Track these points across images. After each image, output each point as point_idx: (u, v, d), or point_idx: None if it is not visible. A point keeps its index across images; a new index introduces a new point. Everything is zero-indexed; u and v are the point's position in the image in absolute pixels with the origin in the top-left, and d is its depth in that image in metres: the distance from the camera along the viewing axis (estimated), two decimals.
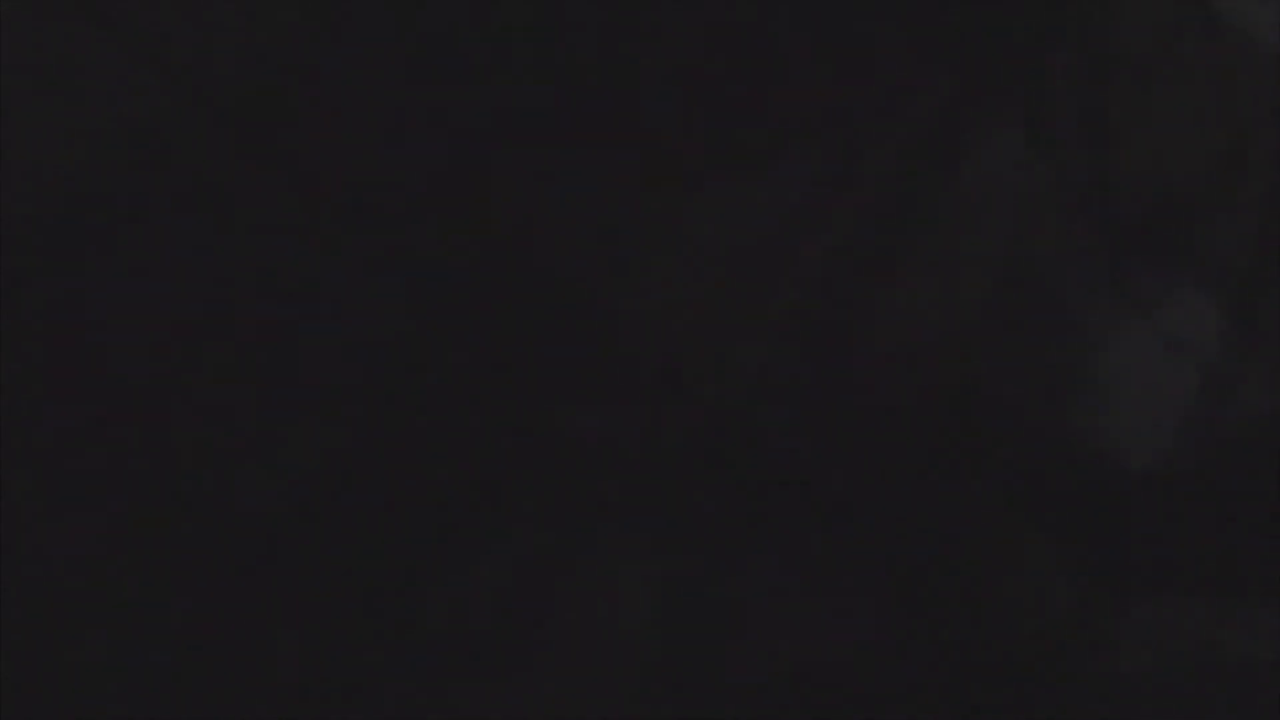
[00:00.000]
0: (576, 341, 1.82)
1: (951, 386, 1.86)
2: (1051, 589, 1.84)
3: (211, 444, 1.69)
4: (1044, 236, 1.91)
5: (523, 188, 1.82)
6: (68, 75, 1.69)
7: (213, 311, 1.70)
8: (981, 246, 1.90)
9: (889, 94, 1.89)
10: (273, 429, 1.71)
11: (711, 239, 1.85)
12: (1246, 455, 1.77)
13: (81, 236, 1.68)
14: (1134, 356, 1.89)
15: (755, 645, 1.81)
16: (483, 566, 1.76)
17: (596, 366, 1.82)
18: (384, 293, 1.77)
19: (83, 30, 1.70)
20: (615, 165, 1.84)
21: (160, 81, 1.72)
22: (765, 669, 1.80)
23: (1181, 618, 1.76)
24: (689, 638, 1.80)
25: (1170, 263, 1.92)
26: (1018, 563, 1.84)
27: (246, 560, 1.69)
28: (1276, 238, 1.67)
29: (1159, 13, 1.93)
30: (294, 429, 1.72)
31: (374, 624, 1.72)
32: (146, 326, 1.68)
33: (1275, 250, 1.79)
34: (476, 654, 1.76)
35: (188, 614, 1.66)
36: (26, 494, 1.65)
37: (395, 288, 1.78)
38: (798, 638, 1.82)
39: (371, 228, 1.77)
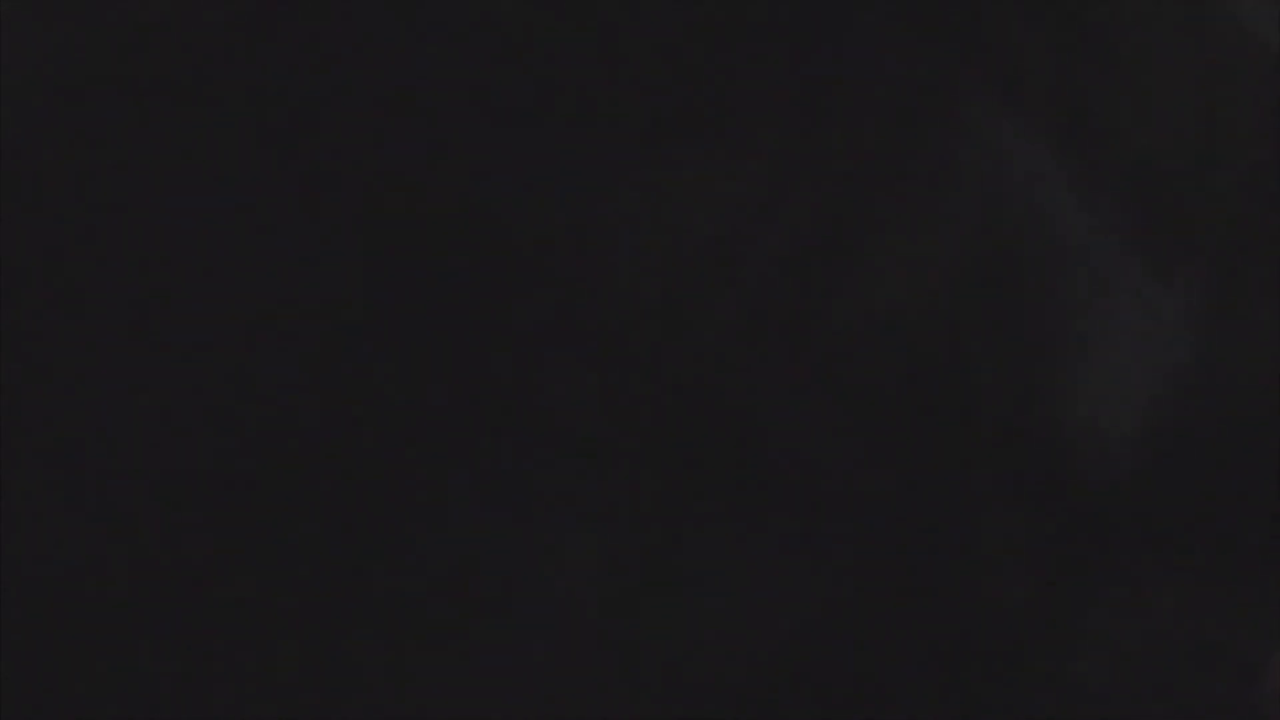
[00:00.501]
0: (540, 313, 1.81)
1: (924, 358, 1.85)
2: (1014, 570, 1.84)
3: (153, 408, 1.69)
4: (1019, 207, 1.90)
5: (486, 159, 1.81)
6: None
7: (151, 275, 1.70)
8: (955, 216, 1.88)
9: (860, 65, 1.87)
10: (218, 397, 1.72)
11: (680, 212, 1.83)
12: (1219, 439, 1.77)
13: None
14: (1111, 331, 1.89)
15: (708, 621, 1.80)
16: (434, 536, 1.75)
17: (560, 339, 1.81)
18: (341, 258, 1.76)
19: None
20: (582, 138, 1.82)
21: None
22: (717, 647, 1.80)
23: (1149, 604, 1.76)
24: (641, 612, 1.79)
25: (1145, 239, 1.91)
26: (981, 545, 1.84)
27: (184, 527, 1.70)
28: (1254, 226, 1.66)
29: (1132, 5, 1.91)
30: (240, 396, 1.72)
31: (322, 598, 1.73)
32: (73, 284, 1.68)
33: (1253, 239, 1.78)
34: (426, 627, 1.75)
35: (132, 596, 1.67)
36: None
37: (352, 253, 1.77)
38: (751, 615, 1.81)
39: (329, 193, 1.77)
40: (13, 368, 1.66)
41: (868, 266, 1.86)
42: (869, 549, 1.83)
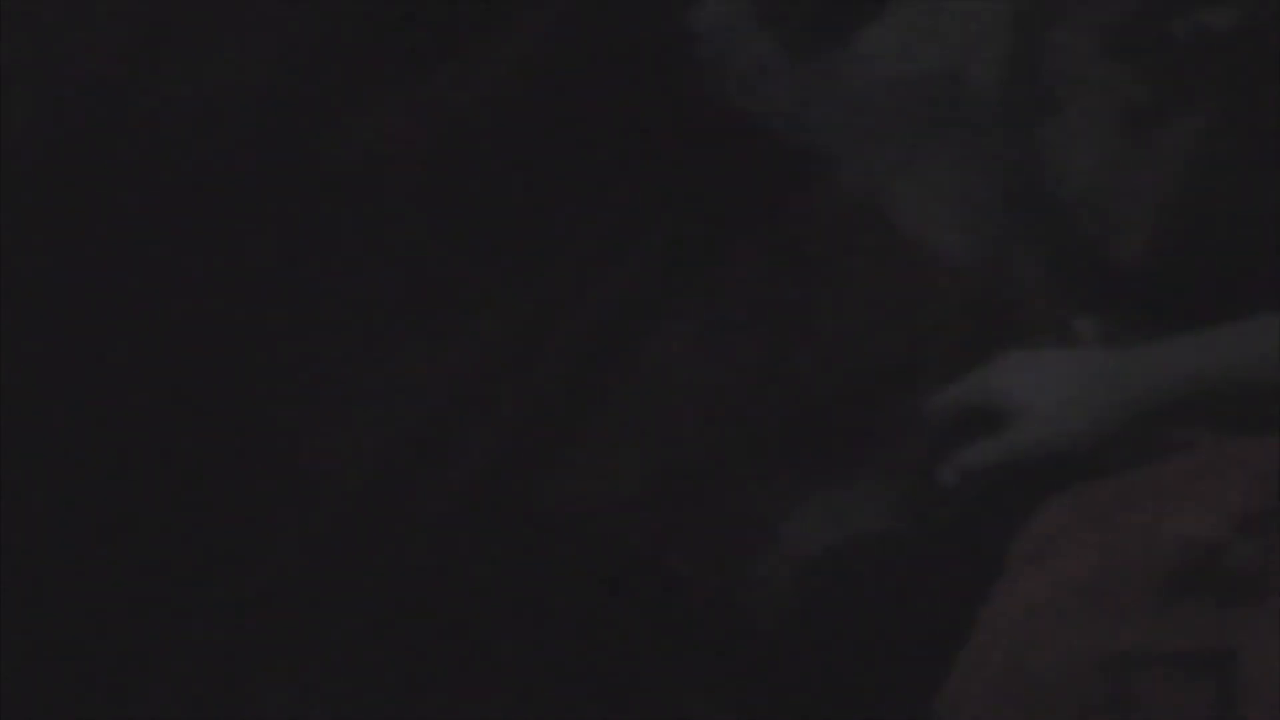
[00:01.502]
0: (261, 478, 1.87)
1: (627, 548, 1.96)
2: None
3: None
4: (722, 422, 2.02)
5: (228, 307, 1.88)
6: None
7: None
8: (663, 424, 1.99)
9: (577, 270, 1.98)
10: None
11: (390, 398, 1.91)
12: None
13: None
14: (805, 533, 2.00)
15: None
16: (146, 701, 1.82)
17: (281, 505, 1.87)
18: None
19: None
20: (318, 309, 1.91)
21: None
22: None
23: None
24: None
25: (846, 452, 2.04)
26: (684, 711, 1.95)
27: None
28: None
29: (839, 216, 2.04)
30: None
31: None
32: None
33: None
34: None
35: None
36: None
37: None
38: None
39: None
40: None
41: (575, 456, 1.96)
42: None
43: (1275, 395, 1.51)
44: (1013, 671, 1.42)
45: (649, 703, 1.94)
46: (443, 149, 1.96)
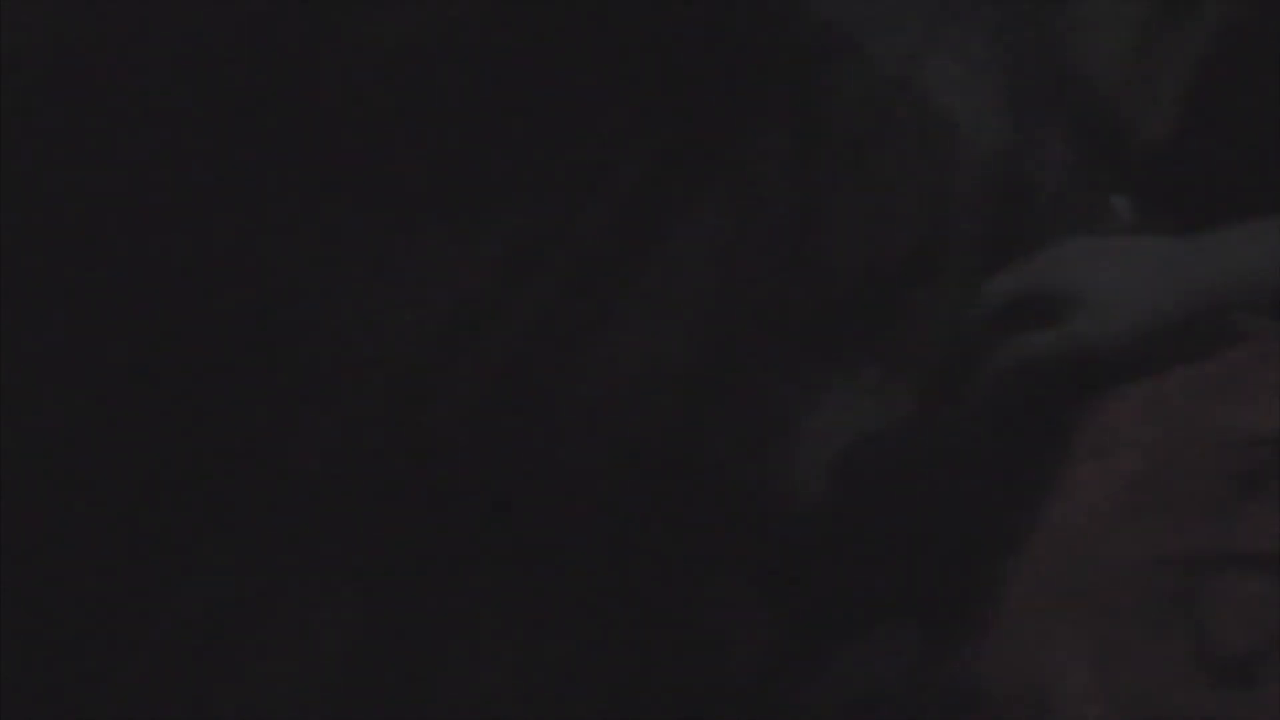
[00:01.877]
0: (287, 375, 1.81)
1: (654, 438, 1.92)
2: (748, 636, 1.90)
3: None
4: (749, 306, 1.98)
5: (235, 216, 1.83)
6: None
7: None
8: (688, 312, 1.95)
9: (599, 159, 1.93)
10: None
11: (423, 281, 1.87)
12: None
13: None
14: (832, 412, 1.97)
15: (447, 683, 1.84)
16: (182, 592, 1.75)
17: (304, 399, 1.82)
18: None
19: None
20: (331, 205, 1.85)
21: None
22: (451, 696, 1.84)
23: (887, 654, 1.81)
24: (384, 674, 1.82)
25: (868, 338, 2.00)
26: (714, 610, 1.90)
27: None
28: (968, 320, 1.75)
29: (869, 94, 2.00)
30: None
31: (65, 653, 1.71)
32: None
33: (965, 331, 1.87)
34: (167, 688, 1.75)
35: None
36: None
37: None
38: (492, 678, 1.86)
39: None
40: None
41: (606, 346, 1.92)
42: (604, 615, 1.88)
43: None
44: (1076, 570, 1.38)
45: (676, 595, 1.91)
46: (461, 34, 1.91)
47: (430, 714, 1.85)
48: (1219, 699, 1.30)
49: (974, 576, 1.47)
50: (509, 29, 1.91)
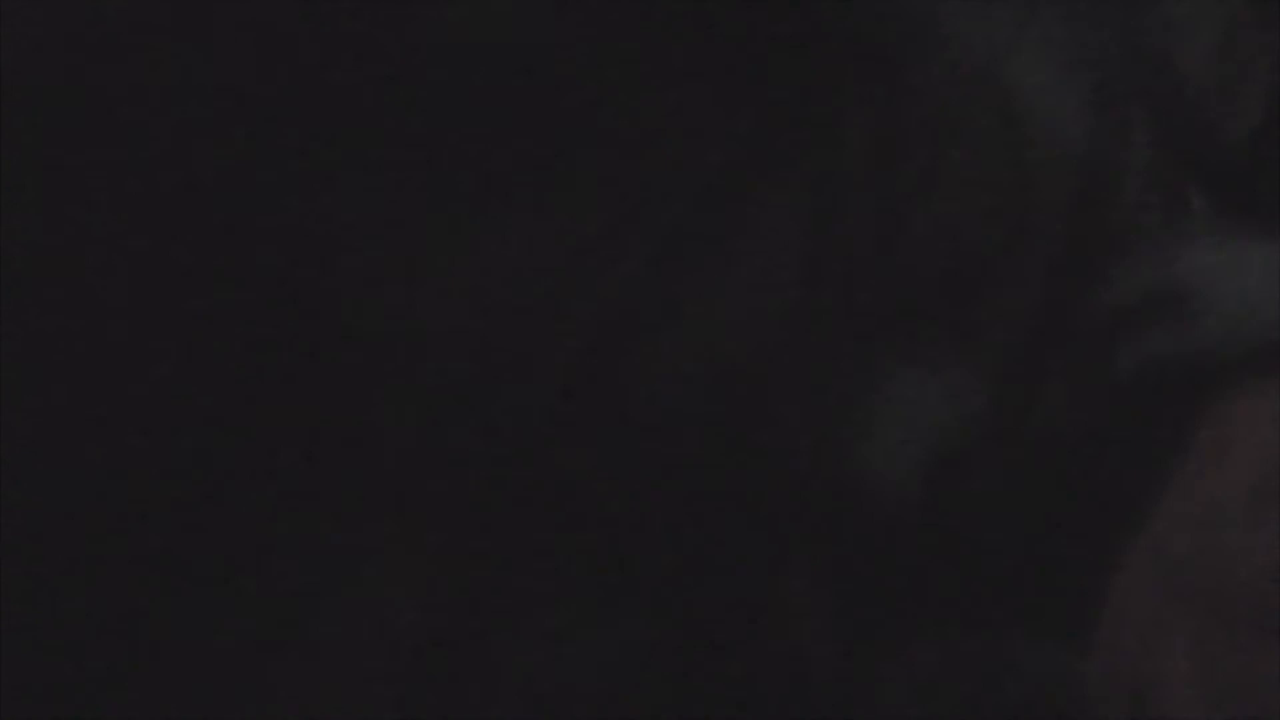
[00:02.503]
0: (367, 351, 1.80)
1: (729, 418, 1.89)
2: (815, 627, 1.88)
3: None
4: (827, 293, 1.94)
5: (308, 203, 1.81)
6: None
7: None
8: (763, 297, 1.92)
9: (685, 140, 1.90)
10: None
11: (503, 264, 1.84)
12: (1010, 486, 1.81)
13: None
14: (909, 406, 1.94)
15: (515, 657, 1.82)
16: (250, 577, 1.75)
17: (386, 372, 1.81)
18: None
19: None
20: (410, 189, 1.83)
21: None
22: (523, 681, 1.81)
23: (955, 659, 1.81)
24: (452, 644, 1.80)
25: (947, 329, 1.97)
26: (781, 596, 1.88)
27: None
28: (1049, 317, 1.72)
29: (954, 87, 1.97)
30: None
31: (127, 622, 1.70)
32: None
33: (1046, 328, 1.84)
34: (238, 646, 1.75)
35: None
36: None
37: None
38: (559, 652, 1.83)
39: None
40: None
41: (686, 324, 1.90)
42: (675, 601, 1.85)
43: None
44: (1187, 573, 1.37)
45: (746, 581, 1.89)
46: (549, 10, 1.89)
47: (500, 696, 1.83)
48: None
49: (1079, 579, 1.45)
50: (597, 7, 1.89)
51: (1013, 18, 2.00)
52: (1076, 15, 2.02)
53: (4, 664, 1.65)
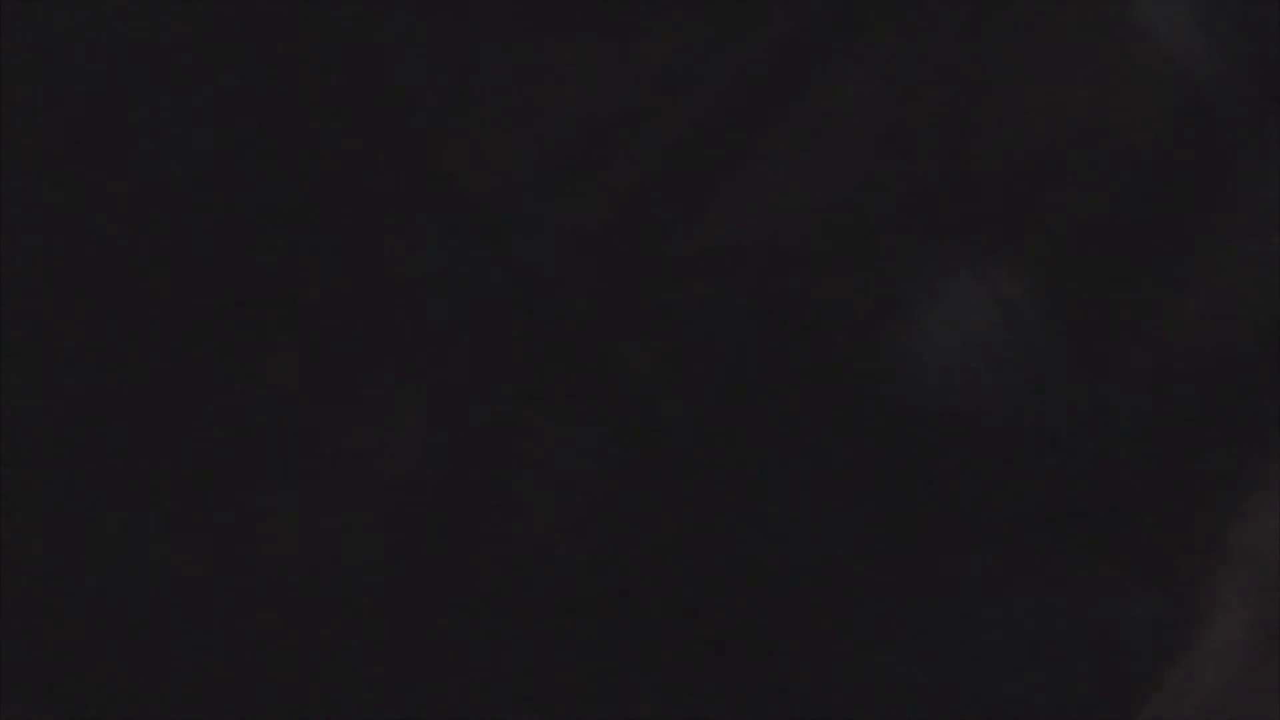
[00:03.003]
0: (408, 176, 1.76)
1: (774, 291, 1.81)
2: (849, 527, 1.80)
3: None
4: (889, 175, 1.86)
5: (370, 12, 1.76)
6: None
7: None
8: (824, 170, 1.84)
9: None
10: None
11: (563, 96, 1.79)
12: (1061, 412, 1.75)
13: None
14: (962, 304, 1.86)
15: (521, 507, 1.75)
16: (256, 398, 1.71)
17: (411, 206, 1.76)
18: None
19: None
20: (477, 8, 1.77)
21: None
22: (537, 542, 1.75)
23: (989, 571, 1.73)
24: (456, 483, 1.74)
25: (1004, 238, 1.89)
26: (814, 490, 1.80)
27: None
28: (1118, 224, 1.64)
29: None
30: None
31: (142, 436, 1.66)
32: None
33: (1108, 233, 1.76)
34: (239, 466, 1.71)
35: None
36: None
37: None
38: (564, 511, 1.76)
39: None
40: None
41: (736, 190, 1.82)
42: (701, 475, 1.78)
43: None
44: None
45: (777, 451, 1.80)
46: None
47: (492, 519, 1.76)
48: None
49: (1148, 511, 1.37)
50: None
51: None
52: None
53: None
